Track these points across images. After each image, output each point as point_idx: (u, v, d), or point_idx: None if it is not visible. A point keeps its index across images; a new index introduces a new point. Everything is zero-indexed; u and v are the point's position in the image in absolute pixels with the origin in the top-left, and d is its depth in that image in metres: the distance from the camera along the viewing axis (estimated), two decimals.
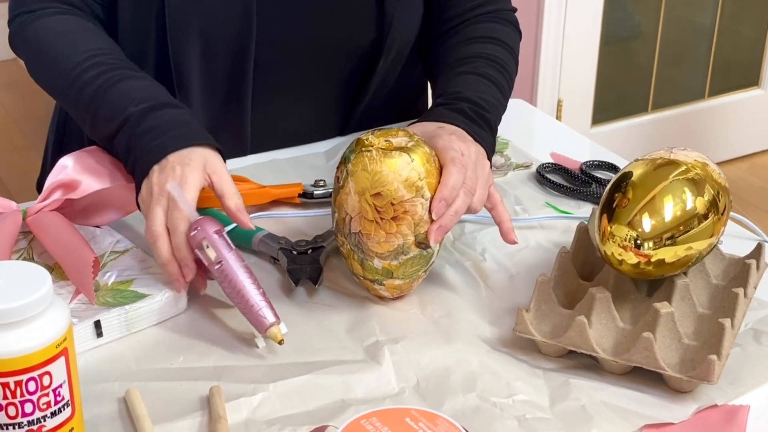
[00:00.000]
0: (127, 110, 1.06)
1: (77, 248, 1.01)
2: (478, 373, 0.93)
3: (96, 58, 1.11)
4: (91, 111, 1.09)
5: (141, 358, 0.94)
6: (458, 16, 1.29)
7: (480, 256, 1.10)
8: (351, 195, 0.97)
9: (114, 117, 1.06)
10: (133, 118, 1.05)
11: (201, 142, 1.04)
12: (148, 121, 1.05)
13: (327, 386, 0.91)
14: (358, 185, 0.96)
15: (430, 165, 0.97)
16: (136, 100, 1.06)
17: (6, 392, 0.75)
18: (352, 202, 0.97)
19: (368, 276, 1.00)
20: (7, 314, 0.74)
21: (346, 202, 0.97)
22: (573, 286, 1.02)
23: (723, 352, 0.91)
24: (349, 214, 0.97)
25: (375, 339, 0.97)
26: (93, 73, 1.10)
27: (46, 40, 1.17)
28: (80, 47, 1.13)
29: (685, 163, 0.98)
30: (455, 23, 1.29)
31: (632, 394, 0.91)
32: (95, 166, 1.09)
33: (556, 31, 2.72)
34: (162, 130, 1.04)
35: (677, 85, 3.07)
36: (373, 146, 0.97)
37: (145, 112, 1.05)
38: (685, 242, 0.95)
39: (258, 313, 0.94)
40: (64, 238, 1.03)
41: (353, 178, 0.96)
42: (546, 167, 1.27)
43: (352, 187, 0.96)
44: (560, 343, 0.93)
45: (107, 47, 1.14)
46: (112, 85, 1.08)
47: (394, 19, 1.25)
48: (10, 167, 3.09)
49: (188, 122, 1.06)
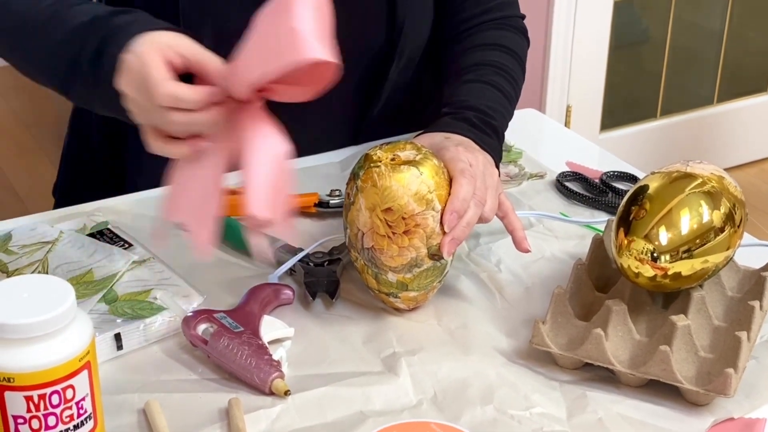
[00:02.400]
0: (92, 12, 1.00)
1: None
2: (495, 385, 0.93)
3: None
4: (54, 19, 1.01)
5: (160, 369, 0.95)
6: (466, 21, 1.29)
7: (495, 267, 1.11)
8: (362, 211, 0.97)
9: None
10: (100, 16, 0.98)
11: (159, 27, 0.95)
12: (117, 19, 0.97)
13: (345, 398, 0.91)
14: (368, 201, 0.96)
15: (439, 177, 0.98)
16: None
17: (30, 405, 0.75)
18: (364, 218, 0.97)
19: (383, 289, 1.00)
20: (31, 329, 0.74)
21: (357, 218, 0.98)
22: (589, 298, 1.03)
23: (739, 365, 0.91)
24: (361, 229, 0.98)
25: (392, 350, 0.98)
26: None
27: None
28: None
29: (701, 176, 0.98)
30: (463, 29, 1.29)
31: (649, 407, 0.91)
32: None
33: (565, 36, 2.73)
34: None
35: (686, 90, 3.08)
36: (381, 161, 0.97)
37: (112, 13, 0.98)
38: (701, 255, 0.95)
39: (254, 380, 0.92)
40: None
41: (363, 194, 0.97)
42: (566, 176, 1.28)
43: (363, 203, 0.97)
44: (577, 355, 0.94)
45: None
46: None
47: (406, 24, 1.25)
48: (20, 171, 3.10)
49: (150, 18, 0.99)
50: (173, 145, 0.93)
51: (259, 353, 0.93)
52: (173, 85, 0.90)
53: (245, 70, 0.89)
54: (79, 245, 1.08)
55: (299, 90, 0.91)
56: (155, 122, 0.93)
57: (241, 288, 1.03)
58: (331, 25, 0.89)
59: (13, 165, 3.14)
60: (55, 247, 1.08)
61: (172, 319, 0.98)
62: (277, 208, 0.89)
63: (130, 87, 0.93)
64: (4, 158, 3.18)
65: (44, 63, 1.03)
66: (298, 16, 0.86)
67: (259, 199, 0.88)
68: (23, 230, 1.11)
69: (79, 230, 1.12)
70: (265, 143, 0.91)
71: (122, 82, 0.93)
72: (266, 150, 0.91)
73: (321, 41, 0.86)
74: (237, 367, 0.92)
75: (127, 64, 0.93)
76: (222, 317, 0.96)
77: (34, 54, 1.04)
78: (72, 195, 1.28)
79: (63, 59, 1.00)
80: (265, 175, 0.89)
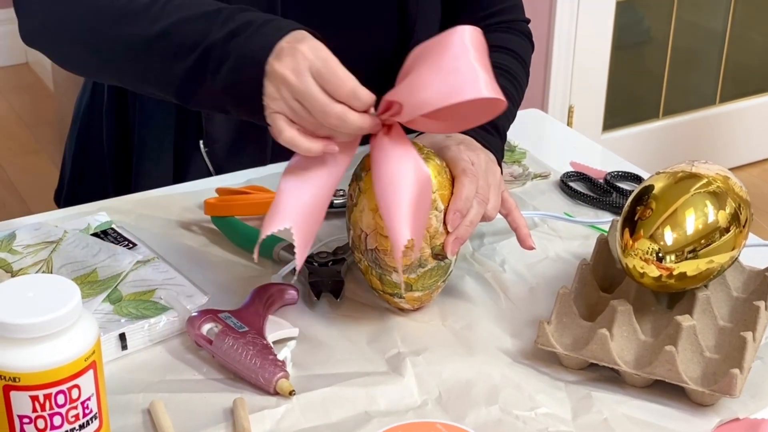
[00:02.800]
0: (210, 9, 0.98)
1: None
2: (500, 385, 0.93)
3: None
4: (159, 25, 0.99)
5: (165, 369, 0.95)
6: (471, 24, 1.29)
7: (499, 267, 1.11)
8: (365, 212, 0.97)
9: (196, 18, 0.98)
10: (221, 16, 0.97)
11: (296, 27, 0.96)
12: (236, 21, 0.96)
13: (350, 398, 0.91)
14: (371, 202, 0.96)
15: (441, 177, 0.98)
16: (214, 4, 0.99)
17: (35, 405, 0.75)
18: (367, 219, 0.97)
19: (387, 290, 1.00)
20: (36, 328, 0.74)
21: (360, 220, 0.98)
22: (593, 298, 1.03)
23: (745, 365, 0.91)
24: (364, 231, 0.98)
25: (397, 351, 0.98)
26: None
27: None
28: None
29: (706, 176, 0.98)
30: None
31: (654, 408, 0.91)
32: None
33: (567, 36, 2.73)
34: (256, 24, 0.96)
35: (688, 90, 3.08)
36: None
37: (234, 11, 0.97)
38: (706, 255, 0.95)
39: (258, 380, 0.92)
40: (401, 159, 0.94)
41: (366, 195, 0.97)
42: (570, 176, 1.28)
43: (366, 205, 0.97)
44: (582, 356, 0.94)
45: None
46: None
47: (416, 30, 1.25)
48: (21, 171, 3.10)
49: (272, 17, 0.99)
50: (307, 139, 0.93)
51: (264, 353, 0.93)
52: (355, 81, 0.91)
53: (416, 99, 0.90)
54: (83, 245, 1.08)
55: (443, 124, 0.94)
56: (306, 112, 0.91)
57: (246, 288, 1.03)
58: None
59: (15, 165, 3.14)
60: (59, 246, 1.08)
61: (176, 319, 0.98)
62: (417, 229, 0.92)
63: (291, 70, 0.91)
64: (6, 158, 3.18)
65: (166, 64, 0.99)
66: (468, 55, 0.91)
67: (402, 220, 0.90)
68: (27, 230, 1.11)
69: (84, 230, 1.12)
70: (409, 166, 0.93)
71: (281, 65, 0.91)
72: (411, 173, 0.93)
73: (492, 80, 0.91)
74: (242, 367, 0.92)
75: (290, 50, 0.92)
76: (226, 317, 0.96)
77: (156, 53, 1.00)
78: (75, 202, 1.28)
79: (190, 48, 0.97)
80: (410, 197, 0.91)
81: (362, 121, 0.92)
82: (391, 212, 0.91)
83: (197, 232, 1.16)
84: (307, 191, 0.93)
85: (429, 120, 0.93)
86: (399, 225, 0.91)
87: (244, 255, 1.11)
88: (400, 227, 0.91)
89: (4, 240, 1.09)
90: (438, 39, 0.93)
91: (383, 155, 0.93)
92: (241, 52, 0.94)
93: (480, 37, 0.94)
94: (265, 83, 0.92)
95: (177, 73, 0.97)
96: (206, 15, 0.98)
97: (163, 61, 0.99)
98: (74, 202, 1.26)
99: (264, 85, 0.92)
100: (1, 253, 1.07)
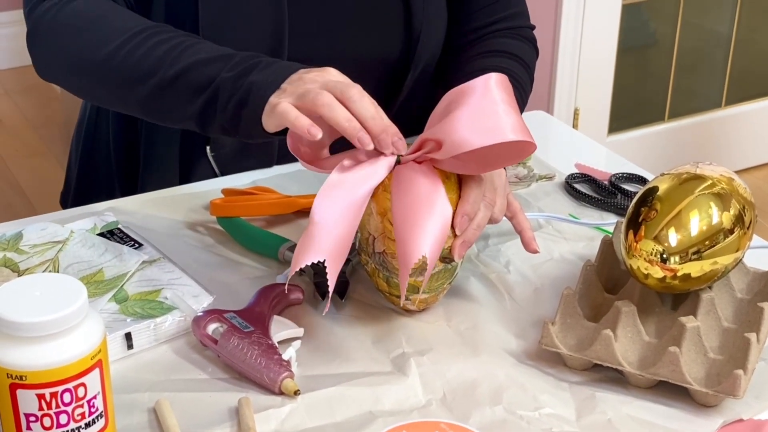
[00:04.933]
0: (227, 53, 1.04)
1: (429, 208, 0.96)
2: (504, 385, 0.93)
3: (164, 26, 1.09)
4: (169, 62, 1.05)
5: (170, 368, 0.95)
6: (476, 30, 1.30)
7: (504, 269, 1.11)
8: (373, 216, 0.97)
9: (211, 60, 1.04)
10: (235, 60, 1.03)
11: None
12: (253, 61, 1.03)
13: (355, 398, 0.92)
14: (379, 206, 0.97)
15: (449, 181, 0.98)
16: (230, 51, 1.05)
17: (42, 403, 0.76)
18: (375, 222, 0.97)
19: (394, 292, 1.01)
20: (43, 327, 0.75)
21: (368, 223, 0.98)
22: (598, 299, 1.03)
23: (749, 366, 0.91)
24: (372, 234, 0.98)
25: (402, 351, 0.98)
26: (165, 36, 1.07)
27: (96, 12, 1.12)
28: (136, 19, 1.11)
29: (710, 177, 0.98)
30: (473, 37, 1.30)
31: (658, 408, 0.91)
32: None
33: (573, 39, 2.73)
34: (274, 66, 1.02)
35: (694, 93, 3.07)
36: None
37: (249, 56, 1.03)
38: (710, 257, 0.96)
39: (263, 380, 0.92)
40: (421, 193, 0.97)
41: (374, 199, 0.97)
42: (575, 177, 1.28)
43: (374, 208, 0.97)
44: (586, 356, 0.94)
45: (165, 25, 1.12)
46: (197, 42, 1.07)
47: (422, 36, 1.26)
48: (28, 172, 3.11)
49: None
50: (299, 113, 0.95)
51: (269, 353, 0.93)
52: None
53: (457, 137, 0.94)
54: (89, 245, 1.09)
55: (473, 165, 0.97)
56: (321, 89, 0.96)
57: (251, 288, 1.03)
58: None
59: (22, 166, 3.15)
60: (65, 246, 1.09)
61: (182, 318, 0.99)
62: (433, 253, 0.93)
63: (316, 75, 0.98)
64: (12, 159, 3.19)
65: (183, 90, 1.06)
66: (499, 100, 0.95)
67: (425, 245, 0.92)
68: (34, 230, 1.11)
69: (90, 230, 1.12)
70: (438, 201, 0.95)
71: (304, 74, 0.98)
72: (439, 207, 0.95)
73: (523, 123, 0.96)
74: (247, 367, 0.93)
75: (311, 73, 0.99)
76: (232, 317, 0.97)
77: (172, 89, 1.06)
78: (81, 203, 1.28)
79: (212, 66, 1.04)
80: (434, 227, 0.94)
81: (347, 120, 0.94)
82: (407, 238, 0.93)
83: (203, 233, 1.16)
84: (341, 225, 0.94)
85: (458, 161, 0.96)
86: (413, 250, 0.92)
87: (249, 255, 1.12)
88: (413, 252, 0.92)
89: (11, 240, 1.10)
90: (469, 84, 0.97)
91: (411, 182, 0.95)
92: (248, 88, 1.00)
93: (507, 83, 0.98)
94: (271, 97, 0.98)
95: (195, 109, 1.04)
96: (222, 57, 1.04)
97: (179, 98, 1.05)
98: (79, 204, 1.27)
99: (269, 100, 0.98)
100: (8, 252, 1.08)
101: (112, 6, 1.14)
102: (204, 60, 1.04)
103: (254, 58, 1.03)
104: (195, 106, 1.04)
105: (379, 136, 0.94)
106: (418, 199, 0.94)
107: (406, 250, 0.93)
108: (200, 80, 1.03)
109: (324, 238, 0.92)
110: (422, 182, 0.95)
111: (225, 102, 1.02)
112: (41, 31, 1.14)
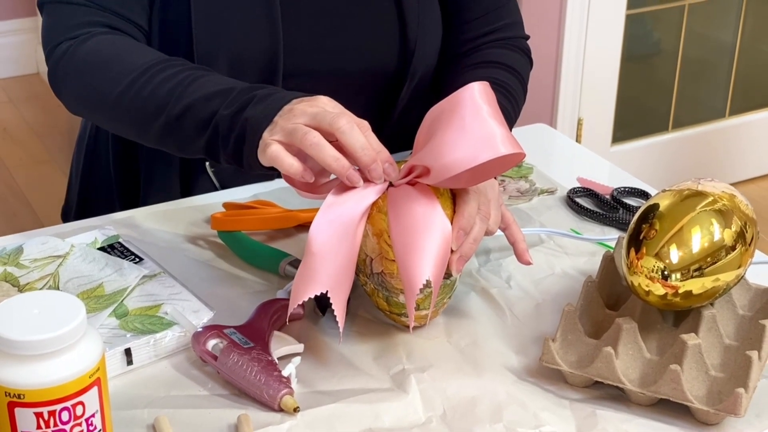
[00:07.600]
0: (229, 85, 1.06)
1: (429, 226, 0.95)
2: (504, 403, 0.93)
3: (172, 60, 1.11)
4: (174, 99, 1.07)
5: (170, 385, 0.95)
6: (470, 41, 1.30)
7: (505, 284, 1.11)
8: (369, 237, 0.97)
9: (212, 96, 1.05)
10: (234, 93, 1.04)
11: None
12: (252, 93, 1.03)
13: (355, 415, 0.91)
14: (375, 227, 0.96)
15: (444, 197, 0.98)
16: (230, 84, 1.06)
17: (40, 422, 0.76)
18: (371, 243, 0.97)
19: (395, 311, 1.00)
20: (41, 345, 0.74)
21: (365, 244, 0.98)
22: (599, 315, 1.03)
23: (750, 384, 0.91)
24: (370, 255, 0.98)
25: (402, 367, 0.98)
26: (171, 72, 1.09)
27: (108, 51, 1.15)
28: (145, 54, 1.13)
29: (712, 194, 0.98)
30: (467, 48, 1.30)
31: (659, 426, 0.91)
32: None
33: (576, 48, 2.73)
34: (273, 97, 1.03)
35: (698, 103, 3.07)
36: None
37: (246, 90, 1.04)
38: (712, 274, 0.95)
39: (263, 397, 0.92)
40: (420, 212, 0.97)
41: (370, 220, 0.97)
42: (577, 192, 1.27)
43: (370, 230, 0.97)
44: (587, 374, 0.94)
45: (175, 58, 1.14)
46: (201, 76, 1.08)
47: (417, 47, 1.26)
48: (32, 181, 3.11)
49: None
50: (290, 156, 0.96)
51: (269, 369, 0.93)
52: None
53: (443, 162, 0.93)
54: (90, 259, 1.09)
55: (464, 180, 0.96)
56: (315, 123, 0.96)
57: (252, 303, 1.03)
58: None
59: (26, 175, 3.15)
60: (66, 260, 1.08)
61: (182, 334, 0.99)
62: (437, 275, 0.93)
63: (307, 106, 0.98)
64: (16, 168, 3.19)
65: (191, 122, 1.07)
66: (482, 113, 0.94)
67: (427, 268, 0.92)
68: (34, 244, 1.11)
69: (91, 243, 1.12)
70: (436, 220, 0.95)
71: (300, 103, 0.99)
72: (438, 226, 0.95)
73: (509, 134, 0.95)
74: (246, 383, 0.92)
75: (302, 104, 0.99)
76: (232, 333, 0.97)
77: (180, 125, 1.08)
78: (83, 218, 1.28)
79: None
80: (435, 248, 0.93)
81: (335, 160, 0.94)
82: (409, 262, 0.93)
83: (204, 247, 1.16)
84: (341, 253, 0.94)
85: (449, 180, 0.95)
86: (416, 274, 0.92)
87: (250, 270, 1.12)
88: (416, 276, 0.92)
89: (11, 254, 1.10)
90: (450, 100, 0.95)
91: (407, 204, 0.95)
92: (243, 125, 1.00)
93: (489, 91, 0.97)
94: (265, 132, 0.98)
95: (201, 144, 1.06)
96: (221, 92, 1.05)
97: (187, 134, 1.07)
98: (81, 218, 1.27)
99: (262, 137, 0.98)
100: (9, 267, 1.08)
101: (122, 41, 1.17)
102: (205, 96, 1.05)
103: (251, 91, 1.03)
104: (201, 142, 1.06)
105: (370, 166, 0.95)
106: (415, 220, 0.94)
107: (409, 275, 0.92)
108: (202, 117, 1.05)
109: (324, 269, 0.92)
110: (418, 202, 0.95)
111: (225, 139, 1.03)
112: (59, 74, 1.18)
